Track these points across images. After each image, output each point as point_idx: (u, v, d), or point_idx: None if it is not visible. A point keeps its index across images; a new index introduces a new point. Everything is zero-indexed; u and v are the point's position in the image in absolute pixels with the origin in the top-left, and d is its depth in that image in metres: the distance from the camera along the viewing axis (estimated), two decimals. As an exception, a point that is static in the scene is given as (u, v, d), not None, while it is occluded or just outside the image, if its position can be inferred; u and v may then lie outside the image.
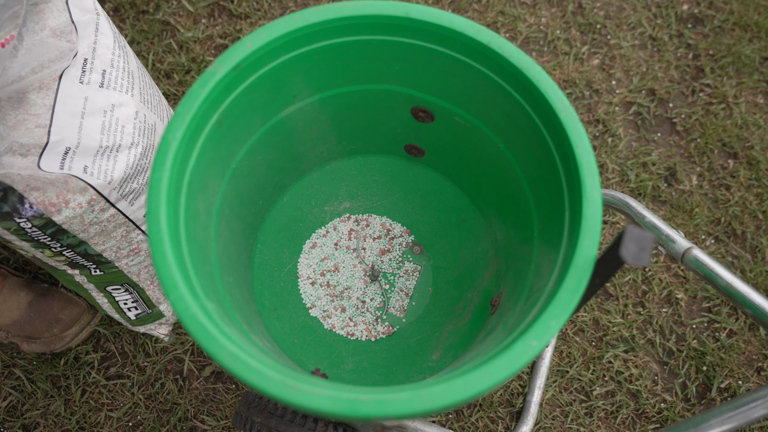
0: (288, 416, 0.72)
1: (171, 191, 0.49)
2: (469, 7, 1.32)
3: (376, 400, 0.42)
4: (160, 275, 0.45)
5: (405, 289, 0.83)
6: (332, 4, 0.57)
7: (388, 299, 0.82)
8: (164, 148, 0.49)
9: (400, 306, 0.82)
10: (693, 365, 1.07)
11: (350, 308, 0.82)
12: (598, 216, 0.49)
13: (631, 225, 0.44)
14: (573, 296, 0.45)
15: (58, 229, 0.70)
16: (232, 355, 0.43)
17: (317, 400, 0.41)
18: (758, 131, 1.25)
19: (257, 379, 0.42)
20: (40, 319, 0.97)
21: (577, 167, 0.51)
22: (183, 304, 0.44)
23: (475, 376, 0.42)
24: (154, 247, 0.46)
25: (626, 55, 1.31)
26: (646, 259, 0.40)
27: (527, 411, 0.96)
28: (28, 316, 0.96)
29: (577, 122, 0.53)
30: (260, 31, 0.55)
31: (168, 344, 1.03)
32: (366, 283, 0.83)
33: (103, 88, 0.70)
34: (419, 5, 0.57)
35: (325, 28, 0.57)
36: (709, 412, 0.49)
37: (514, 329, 0.51)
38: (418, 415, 0.42)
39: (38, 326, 0.97)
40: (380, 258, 0.84)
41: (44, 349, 0.99)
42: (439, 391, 0.42)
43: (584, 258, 0.47)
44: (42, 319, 0.97)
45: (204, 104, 0.53)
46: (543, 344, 0.44)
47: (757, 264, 1.14)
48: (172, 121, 0.51)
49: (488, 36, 0.56)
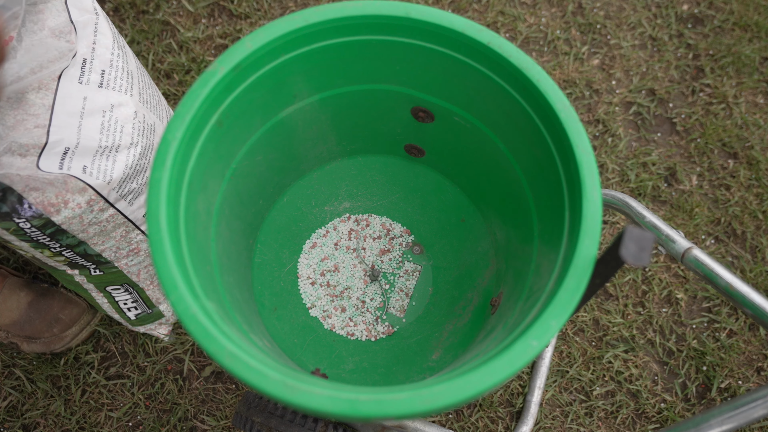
0: (288, 416, 0.72)
1: (171, 191, 0.49)
2: (469, 7, 1.32)
3: (376, 400, 0.42)
4: (160, 275, 0.45)
5: (405, 289, 0.83)
6: (332, 4, 0.57)
7: (388, 299, 0.82)
8: (164, 148, 0.49)
9: (400, 306, 0.82)
10: (693, 365, 1.07)
11: (350, 308, 0.82)
12: (598, 216, 0.49)
13: (631, 225, 0.44)
14: (573, 296, 0.45)
15: (58, 229, 0.70)
16: (232, 355, 0.43)
17: (317, 400, 0.41)
18: (758, 131, 1.25)
19: (257, 379, 0.42)
20: (40, 319, 0.96)
21: (577, 167, 0.51)
22: (183, 304, 0.44)
23: (475, 376, 0.42)
24: (154, 247, 0.46)
25: (626, 55, 1.31)
26: (646, 259, 0.40)
27: (527, 411, 0.96)
28: (28, 316, 0.96)
29: (577, 122, 0.53)
30: (260, 31, 0.55)
31: (168, 344, 1.03)
32: (366, 283, 0.83)
33: (102, 88, 0.70)
34: (419, 5, 0.57)
35: (325, 28, 0.57)
36: (709, 412, 0.49)
37: (514, 329, 0.51)
38: (418, 415, 0.42)
39: (38, 326, 0.96)
40: (380, 258, 0.84)
41: (44, 349, 0.98)
42: (439, 391, 0.42)
43: (584, 258, 0.47)
44: (42, 319, 0.97)
45: (204, 104, 0.53)
46: (543, 344, 0.44)
47: (757, 264, 1.14)
48: (172, 121, 0.51)
49: (488, 36, 0.56)
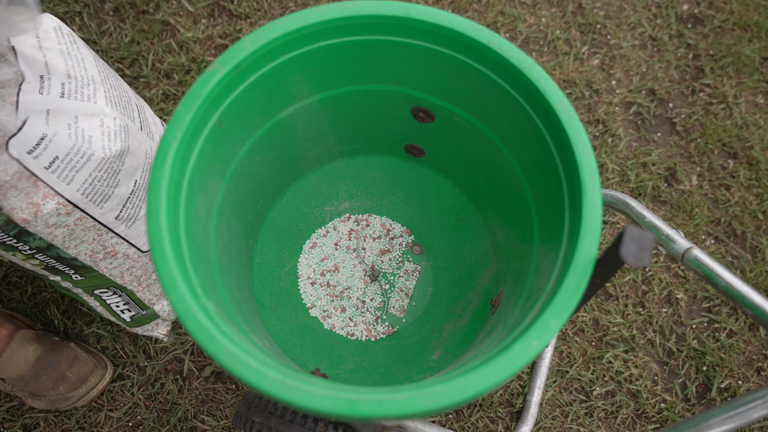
0: (288, 416, 0.72)
1: (171, 191, 0.49)
2: (469, 7, 1.32)
3: (376, 400, 0.42)
4: (160, 275, 0.45)
5: (405, 289, 0.83)
6: (332, 4, 0.57)
7: (388, 299, 0.82)
8: (164, 148, 0.49)
9: (400, 306, 0.82)
10: (693, 365, 1.07)
11: (350, 308, 0.82)
12: (598, 216, 0.49)
13: (631, 225, 0.44)
14: (573, 296, 0.45)
15: (22, 230, 0.69)
16: (232, 355, 0.43)
17: (317, 400, 0.41)
18: (758, 131, 1.25)
19: (257, 379, 0.42)
20: (47, 376, 0.94)
21: (577, 167, 0.51)
22: (183, 303, 0.44)
23: (475, 376, 0.42)
24: (154, 246, 0.46)
25: (626, 55, 1.31)
26: (646, 259, 0.40)
27: (527, 411, 0.96)
28: (34, 372, 0.94)
29: (577, 122, 0.53)
30: (260, 31, 0.55)
31: (168, 344, 1.03)
32: (366, 283, 0.83)
33: (64, 98, 0.69)
34: (419, 5, 0.57)
35: (325, 28, 0.57)
36: (709, 412, 0.49)
37: (514, 329, 0.51)
38: (418, 415, 0.42)
39: (44, 383, 0.94)
40: (380, 258, 0.84)
41: (49, 407, 0.97)
42: (439, 391, 0.42)
43: (584, 258, 0.47)
44: (48, 375, 0.94)
45: (204, 104, 0.53)
46: (543, 344, 0.44)
47: (757, 264, 1.14)
48: (172, 121, 0.51)
49: (488, 36, 0.56)
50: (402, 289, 0.83)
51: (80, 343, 1.00)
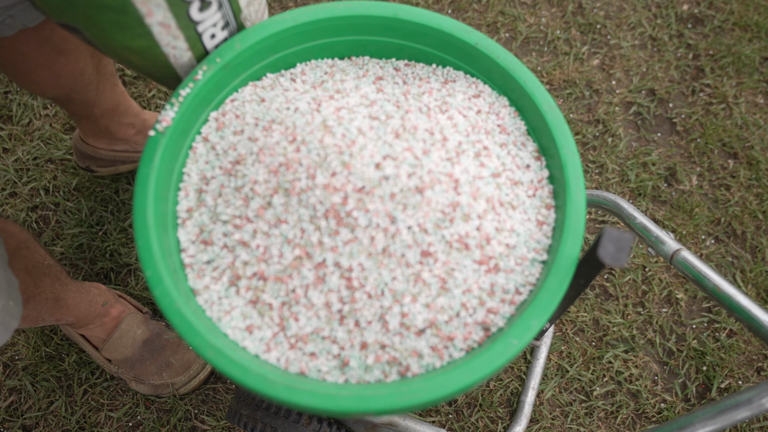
0: (273, 409, 0.73)
1: (159, 187, 0.49)
2: (469, 7, 1.32)
3: (357, 396, 0.42)
4: (145, 270, 0.46)
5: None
6: (322, 4, 0.58)
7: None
8: (152, 145, 0.50)
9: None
10: (693, 365, 1.07)
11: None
12: (581, 217, 0.49)
13: (609, 226, 0.44)
14: (554, 296, 0.45)
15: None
16: (215, 349, 0.43)
17: (298, 395, 0.42)
18: (758, 131, 1.24)
19: (238, 373, 0.43)
20: (152, 360, 0.95)
21: (562, 168, 0.51)
22: (168, 299, 0.45)
23: (455, 374, 0.43)
24: (140, 242, 0.46)
25: (626, 55, 1.30)
26: (624, 259, 0.40)
27: (521, 411, 0.96)
28: (140, 356, 0.95)
29: (563, 123, 0.53)
30: (250, 30, 0.55)
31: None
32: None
33: None
34: (408, 6, 0.58)
35: (315, 28, 0.58)
36: (693, 413, 0.49)
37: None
38: (399, 411, 0.43)
39: (148, 368, 0.95)
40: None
41: (152, 392, 0.97)
42: (419, 388, 0.42)
43: (566, 258, 0.47)
44: (153, 360, 0.95)
45: (193, 103, 0.53)
46: (524, 343, 0.44)
47: (757, 264, 1.13)
48: (161, 118, 0.51)
49: (476, 37, 0.56)
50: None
51: None
